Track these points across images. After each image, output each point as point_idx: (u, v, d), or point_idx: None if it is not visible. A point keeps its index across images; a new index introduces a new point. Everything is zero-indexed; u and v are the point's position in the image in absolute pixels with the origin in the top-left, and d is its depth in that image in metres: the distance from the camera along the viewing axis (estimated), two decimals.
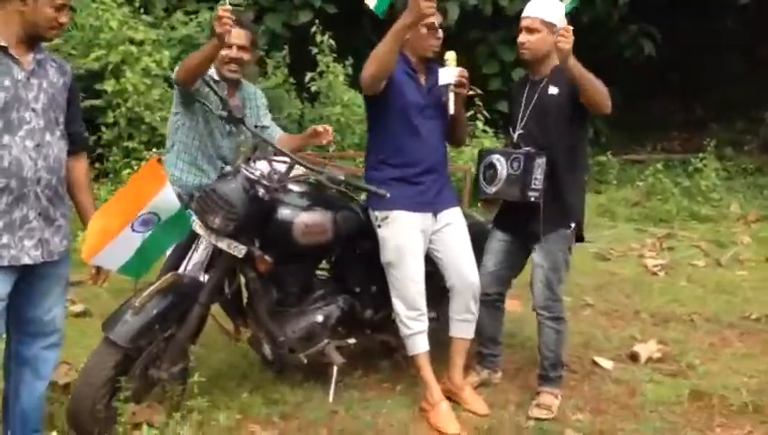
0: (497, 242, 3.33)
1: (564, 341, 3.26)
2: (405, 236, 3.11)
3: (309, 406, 3.18)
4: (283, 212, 2.99)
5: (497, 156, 3.13)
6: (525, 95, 3.19)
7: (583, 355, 3.91)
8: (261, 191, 2.86)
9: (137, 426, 2.79)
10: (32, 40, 2.39)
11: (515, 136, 3.19)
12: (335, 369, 3.22)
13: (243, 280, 3.09)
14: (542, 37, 3.06)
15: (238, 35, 3.17)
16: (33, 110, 2.37)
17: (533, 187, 3.04)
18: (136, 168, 6.07)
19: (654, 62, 11.80)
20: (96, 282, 2.71)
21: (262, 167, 2.98)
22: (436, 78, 3.10)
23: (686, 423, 3.15)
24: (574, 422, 3.12)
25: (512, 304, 3.98)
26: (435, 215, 3.19)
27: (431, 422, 3.08)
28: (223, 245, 2.86)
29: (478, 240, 3.42)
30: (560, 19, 3.07)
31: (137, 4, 7.41)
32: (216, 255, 2.95)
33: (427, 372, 3.18)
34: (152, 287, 2.77)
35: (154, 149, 6.32)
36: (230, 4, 2.96)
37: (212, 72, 3.24)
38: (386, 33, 2.89)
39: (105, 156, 6.66)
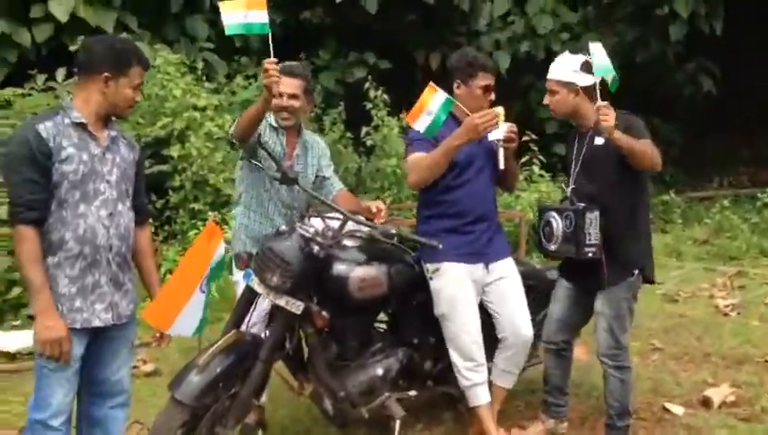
0: (563, 290, 3.32)
1: (630, 389, 3.19)
2: (456, 287, 3.14)
3: None
4: (339, 268, 3.06)
5: (553, 213, 3.16)
6: (575, 149, 3.22)
7: (653, 401, 3.81)
8: (315, 248, 2.94)
9: None
10: (108, 117, 2.61)
11: (569, 191, 3.20)
12: (398, 422, 3.22)
13: (303, 336, 3.16)
14: (561, 98, 3.14)
15: (288, 84, 3.25)
16: (108, 182, 2.57)
17: (588, 243, 3.03)
18: (201, 228, 6.28)
19: (714, 98, 11.59)
20: (161, 344, 2.84)
21: (316, 224, 3.07)
22: None
23: None
24: None
25: (578, 352, 3.92)
26: (486, 265, 3.22)
27: None
28: (281, 302, 2.93)
29: (535, 288, 3.42)
30: (577, 77, 3.09)
31: (199, 73, 7.75)
32: (276, 312, 3.03)
33: (489, 423, 3.16)
34: (215, 346, 2.85)
35: (218, 211, 6.53)
36: (283, 65, 3.07)
37: (272, 119, 3.37)
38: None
39: (173, 218, 6.91)
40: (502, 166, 3.14)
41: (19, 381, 4.34)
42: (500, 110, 3.06)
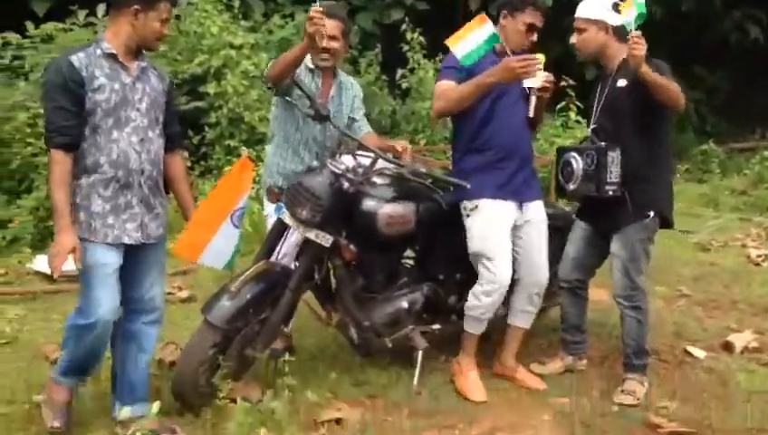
0: (579, 231, 3.36)
1: (646, 329, 3.23)
2: (492, 225, 3.16)
3: (394, 388, 3.30)
4: (368, 204, 3.13)
5: (572, 153, 3.18)
6: (599, 90, 3.22)
7: (675, 345, 3.85)
8: (345, 184, 3.01)
9: (234, 401, 3.01)
10: (138, 50, 2.73)
11: (589, 131, 3.21)
12: (420, 353, 3.34)
13: (331, 268, 3.26)
14: (590, 36, 3.13)
15: (328, 26, 3.23)
16: (138, 109, 2.70)
17: (609, 181, 3.06)
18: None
19: (761, 46, 11.23)
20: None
21: (347, 161, 3.13)
22: None
23: None
24: (660, 409, 3.09)
25: (599, 294, 3.97)
26: (520, 205, 3.24)
27: (459, 387, 3.24)
28: (311, 235, 3.03)
29: (563, 230, 3.47)
30: (608, 15, 3.07)
31: (236, 11, 7.76)
32: (306, 244, 3.13)
33: (470, 346, 3.31)
34: (246, 273, 2.97)
35: (252, 148, 6.63)
36: (320, 4, 3.09)
37: (308, 60, 3.37)
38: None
39: (209, 154, 7.04)
40: (531, 114, 3.14)
41: (60, 301, 4.56)
42: (541, 57, 3.01)
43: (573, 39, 3.20)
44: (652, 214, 3.12)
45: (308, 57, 3.35)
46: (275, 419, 2.82)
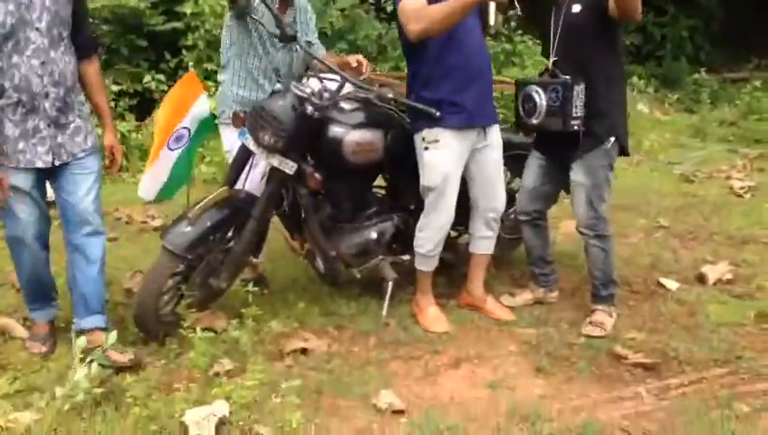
0: (536, 160, 3.28)
1: (612, 258, 3.20)
2: (452, 164, 3.07)
3: (362, 318, 3.29)
4: (334, 130, 3.03)
5: (535, 87, 3.05)
6: (553, 20, 3.07)
7: (649, 276, 3.82)
8: (309, 109, 2.90)
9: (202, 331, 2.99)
10: None
11: (550, 63, 3.08)
12: (390, 284, 3.30)
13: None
14: None
15: None
16: (38, 29, 2.56)
17: (575, 115, 2.99)
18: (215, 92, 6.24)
19: None
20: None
21: (312, 85, 3.01)
22: None
23: (747, 344, 3.05)
24: (627, 340, 3.08)
25: (570, 226, 3.92)
26: (484, 130, 3.12)
27: (422, 324, 3.23)
28: (274, 162, 2.93)
29: (524, 157, 3.39)
30: None
31: None
32: (271, 172, 3.03)
33: (425, 284, 3.29)
34: (206, 200, 2.89)
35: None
36: None
37: None
38: None
39: None
40: (492, 22, 2.95)
41: None
42: None
43: None
44: (612, 139, 3.05)
45: None
46: (240, 349, 2.81)
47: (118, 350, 2.70)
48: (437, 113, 2.91)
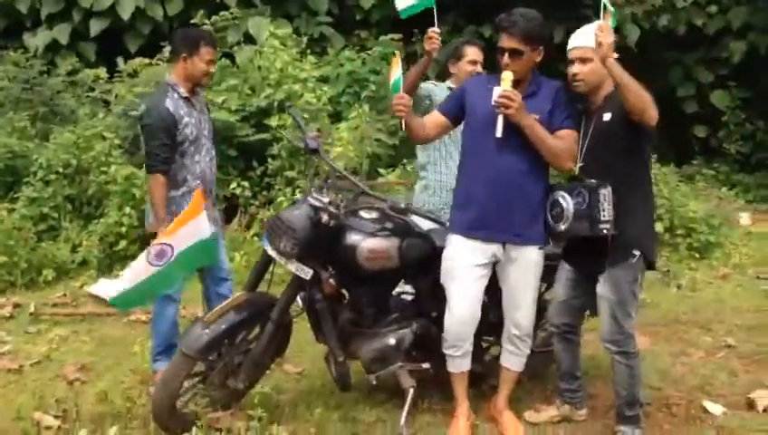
0: (565, 273, 3.23)
1: (638, 377, 3.07)
2: (455, 264, 3.12)
3: (380, 427, 3.28)
4: (349, 238, 3.16)
5: (561, 193, 3.03)
6: (583, 126, 3.09)
7: (694, 399, 3.59)
8: (325, 217, 3.06)
9: (219, 431, 3.10)
10: (195, 88, 3.63)
11: (576, 169, 3.07)
12: (410, 392, 3.29)
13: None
14: (595, 66, 2.95)
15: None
16: (206, 136, 3.69)
17: (603, 219, 2.91)
18: (294, 196, 6.58)
19: None
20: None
21: (330, 194, 3.18)
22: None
23: None
24: None
25: None
26: (503, 245, 3.13)
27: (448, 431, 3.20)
28: (291, 267, 3.09)
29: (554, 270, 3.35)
30: None
31: (303, 46, 8.06)
32: (292, 276, 3.18)
33: (457, 387, 3.27)
34: (223, 304, 3.07)
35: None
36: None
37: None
38: None
39: (272, 185, 7.27)
40: (499, 133, 2.94)
41: (106, 324, 4.86)
42: (506, 74, 2.95)
43: (575, 69, 3.03)
44: (638, 254, 2.97)
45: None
46: None
47: None
48: (446, 224, 3.00)
